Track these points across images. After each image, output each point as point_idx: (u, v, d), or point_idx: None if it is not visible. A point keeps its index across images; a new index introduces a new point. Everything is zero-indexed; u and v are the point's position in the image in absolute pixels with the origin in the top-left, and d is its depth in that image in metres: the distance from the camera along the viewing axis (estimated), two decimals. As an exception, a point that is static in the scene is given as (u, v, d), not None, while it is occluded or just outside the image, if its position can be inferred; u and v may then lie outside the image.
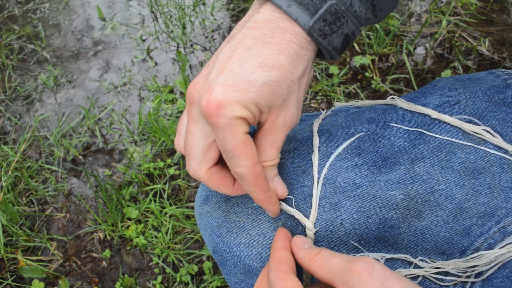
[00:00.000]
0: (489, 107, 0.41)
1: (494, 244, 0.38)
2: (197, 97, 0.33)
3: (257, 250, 0.42)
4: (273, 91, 0.33)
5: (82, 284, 1.03)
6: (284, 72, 0.33)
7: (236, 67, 0.32)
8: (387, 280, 0.29)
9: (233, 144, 0.33)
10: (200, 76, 0.35)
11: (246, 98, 0.32)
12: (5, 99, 1.44)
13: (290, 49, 0.33)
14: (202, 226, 0.46)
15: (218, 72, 0.32)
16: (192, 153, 0.35)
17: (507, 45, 1.40)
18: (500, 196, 0.39)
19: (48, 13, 1.76)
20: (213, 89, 0.32)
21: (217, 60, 0.33)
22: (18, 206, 1.16)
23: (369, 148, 0.41)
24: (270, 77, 0.32)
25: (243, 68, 0.32)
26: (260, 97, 0.32)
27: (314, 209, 0.40)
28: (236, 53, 0.33)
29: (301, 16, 0.33)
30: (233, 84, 0.32)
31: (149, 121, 1.28)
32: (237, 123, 0.32)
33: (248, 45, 0.33)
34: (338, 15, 0.34)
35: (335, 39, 0.35)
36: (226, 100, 0.31)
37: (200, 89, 0.33)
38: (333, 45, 0.35)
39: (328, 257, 0.33)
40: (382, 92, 1.32)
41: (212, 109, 0.31)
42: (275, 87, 0.33)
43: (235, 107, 0.32)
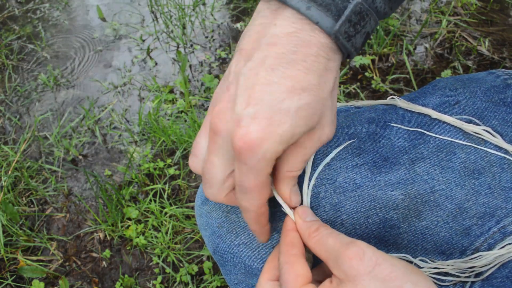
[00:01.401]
0: (489, 107, 0.41)
1: (494, 244, 0.38)
2: (225, 129, 0.31)
3: (258, 251, 0.42)
4: (308, 115, 0.30)
5: (82, 284, 1.03)
6: (316, 92, 0.30)
7: (264, 94, 0.29)
8: (378, 266, 0.29)
9: (252, 184, 0.31)
10: (223, 104, 0.31)
11: (281, 131, 0.29)
12: (5, 99, 1.44)
13: (317, 64, 0.30)
14: (202, 227, 0.46)
15: (245, 101, 0.30)
16: (211, 182, 0.34)
17: (507, 45, 1.40)
18: (500, 196, 0.39)
19: (48, 13, 1.76)
20: (246, 126, 0.29)
21: (239, 85, 0.30)
22: (18, 206, 1.16)
23: (369, 148, 0.41)
24: (302, 101, 0.30)
25: (272, 95, 0.29)
26: (296, 126, 0.30)
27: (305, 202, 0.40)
28: (261, 77, 0.30)
29: (322, 19, 0.30)
30: (266, 117, 0.29)
31: (149, 121, 1.28)
32: (266, 164, 0.30)
33: (271, 65, 0.30)
34: (363, 14, 0.31)
35: (358, 39, 0.32)
36: (262, 138, 0.29)
37: (227, 120, 0.31)
38: (355, 45, 0.32)
39: (325, 236, 0.33)
40: (382, 92, 1.32)
41: (246, 148, 0.29)
42: (309, 111, 0.30)
43: (270, 144, 0.29)
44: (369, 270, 0.29)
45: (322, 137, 0.33)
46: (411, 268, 0.30)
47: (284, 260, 0.34)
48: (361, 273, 0.29)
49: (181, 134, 1.23)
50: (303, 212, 0.37)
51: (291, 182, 0.36)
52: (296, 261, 0.33)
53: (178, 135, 1.22)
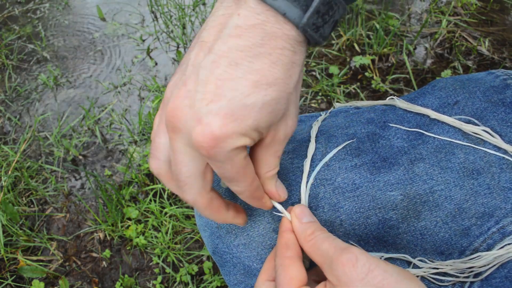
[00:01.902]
0: (488, 108, 0.41)
1: (493, 245, 0.38)
2: (183, 127, 0.29)
3: (257, 251, 0.42)
4: (273, 110, 0.29)
5: (82, 284, 1.04)
6: (281, 87, 0.29)
7: (227, 90, 0.28)
8: (371, 273, 0.29)
9: (233, 172, 0.30)
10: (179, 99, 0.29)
11: (245, 126, 0.28)
12: (5, 99, 1.44)
13: (284, 58, 0.29)
14: (202, 227, 0.47)
15: (207, 98, 0.28)
16: (189, 183, 0.32)
17: (507, 45, 1.40)
18: (499, 197, 0.39)
19: (48, 13, 1.76)
20: (207, 122, 0.28)
21: (198, 79, 0.28)
22: (18, 206, 1.16)
23: (368, 148, 0.41)
24: (268, 97, 0.28)
25: (236, 91, 0.28)
26: (260, 120, 0.29)
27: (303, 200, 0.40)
28: (223, 72, 0.28)
29: (290, 9, 0.28)
30: (230, 113, 0.27)
31: (149, 121, 1.28)
32: (237, 153, 0.29)
33: (235, 59, 0.28)
34: (331, 3, 0.29)
35: (326, 29, 0.31)
36: (224, 133, 0.28)
37: (186, 118, 0.29)
38: (323, 35, 0.31)
39: (320, 240, 0.33)
40: (382, 92, 1.32)
41: (209, 144, 0.28)
42: (274, 106, 0.29)
43: (234, 139, 0.28)
44: (362, 277, 0.29)
45: (287, 131, 0.32)
46: (404, 274, 0.30)
47: (279, 263, 0.34)
48: (354, 279, 0.29)
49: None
50: (300, 212, 0.36)
51: (274, 180, 0.36)
52: (290, 264, 0.33)
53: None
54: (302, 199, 0.40)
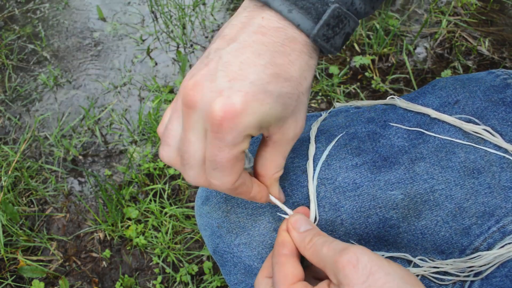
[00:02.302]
0: (488, 107, 0.41)
1: (494, 244, 0.38)
2: (201, 101, 0.29)
3: (258, 251, 0.42)
4: (285, 104, 0.31)
5: (82, 284, 1.03)
6: (295, 85, 0.31)
7: (250, 73, 0.29)
8: (372, 276, 0.28)
9: (224, 159, 0.30)
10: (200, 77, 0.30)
11: (263, 110, 0.29)
12: (5, 99, 1.44)
13: (300, 60, 0.32)
14: (202, 227, 0.47)
15: (229, 76, 0.29)
16: (191, 164, 0.32)
17: (507, 45, 1.40)
18: (499, 196, 0.39)
19: (48, 13, 1.76)
20: (229, 95, 0.28)
21: (221, 61, 0.30)
22: (18, 206, 1.16)
23: (369, 148, 0.41)
24: (284, 89, 0.30)
25: (258, 76, 0.29)
26: (275, 110, 0.30)
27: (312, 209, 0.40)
28: (246, 57, 0.30)
29: (303, 21, 0.31)
30: (251, 93, 0.29)
31: (149, 121, 1.28)
32: (243, 140, 0.30)
33: (258, 50, 0.30)
34: (341, 17, 0.32)
35: (337, 40, 0.34)
36: (245, 109, 0.28)
37: (205, 92, 0.29)
38: (335, 46, 0.34)
39: (319, 245, 0.33)
40: (382, 92, 1.32)
41: (226, 117, 0.28)
42: (287, 100, 0.31)
43: (250, 118, 0.29)
44: (363, 280, 0.28)
45: (296, 130, 0.33)
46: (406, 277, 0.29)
47: (275, 261, 0.34)
48: (355, 282, 0.28)
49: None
50: (296, 222, 0.36)
51: (277, 183, 0.37)
52: (286, 261, 0.34)
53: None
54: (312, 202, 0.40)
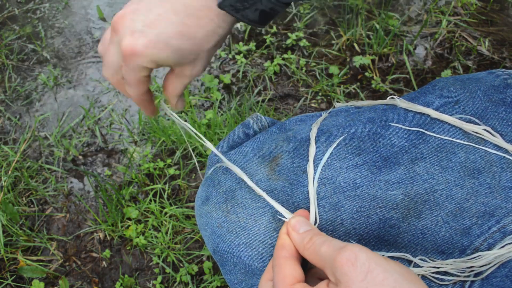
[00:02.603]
0: (489, 107, 0.41)
1: (494, 244, 0.38)
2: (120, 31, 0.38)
3: (258, 250, 0.42)
4: (183, 55, 0.39)
5: (82, 284, 1.03)
6: (197, 43, 0.39)
7: (161, 25, 0.37)
8: (371, 273, 0.29)
9: (132, 80, 0.40)
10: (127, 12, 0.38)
11: (158, 55, 0.38)
12: (5, 99, 1.44)
13: (208, 26, 0.39)
14: (202, 227, 0.47)
15: (145, 22, 0.37)
16: (108, 65, 0.42)
17: (507, 45, 1.40)
18: (500, 196, 0.39)
19: (48, 13, 1.76)
20: (136, 37, 0.37)
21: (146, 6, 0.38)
22: (18, 206, 1.16)
23: (369, 148, 0.41)
24: (183, 45, 0.38)
25: (166, 29, 0.37)
26: (170, 57, 0.38)
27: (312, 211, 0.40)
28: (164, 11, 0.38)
29: None
30: (153, 41, 0.37)
31: (149, 121, 1.28)
32: (141, 69, 0.39)
33: (176, 8, 0.38)
34: None
35: (250, 14, 0.39)
36: (142, 52, 0.37)
37: (124, 26, 0.38)
38: (248, 18, 0.40)
39: (318, 245, 0.33)
40: (382, 92, 1.32)
41: (128, 53, 0.37)
42: (185, 53, 0.39)
43: (146, 59, 0.37)
44: (362, 278, 0.29)
45: (192, 72, 0.42)
46: (405, 273, 0.29)
47: (274, 263, 0.35)
48: (354, 280, 0.29)
49: (181, 134, 1.23)
50: (296, 223, 0.36)
51: (176, 97, 0.46)
52: (285, 263, 0.34)
53: (178, 135, 1.22)
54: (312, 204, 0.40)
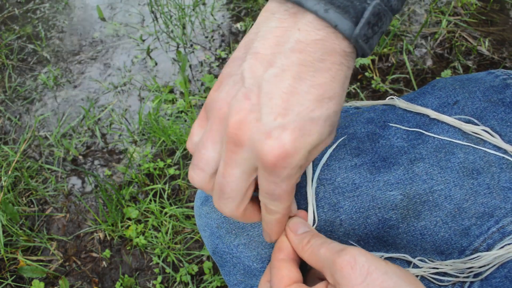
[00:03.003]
0: (488, 107, 0.41)
1: (493, 245, 0.38)
2: (249, 141, 0.29)
3: (257, 251, 0.42)
4: (332, 123, 0.30)
5: (82, 284, 1.04)
6: (339, 100, 0.30)
7: (294, 104, 0.28)
8: (370, 276, 0.29)
9: (283, 191, 0.31)
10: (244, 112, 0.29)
11: (312, 141, 0.29)
12: (5, 99, 1.44)
13: (341, 73, 0.30)
14: (202, 227, 0.47)
15: (274, 112, 0.28)
16: (232, 197, 0.32)
17: (507, 45, 1.40)
18: (499, 196, 0.39)
19: (48, 13, 1.76)
20: (277, 136, 0.28)
21: (261, 93, 0.28)
22: (18, 206, 1.16)
23: (368, 148, 0.41)
24: (329, 110, 0.29)
25: (303, 106, 0.28)
26: (323, 133, 0.30)
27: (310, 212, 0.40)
28: (288, 85, 0.28)
29: (341, 22, 0.28)
30: (299, 128, 0.28)
31: (149, 121, 1.28)
32: (297, 172, 0.30)
33: (299, 73, 0.28)
34: (380, 14, 0.30)
35: (375, 40, 0.31)
36: (296, 148, 0.28)
37: (252, 132, 0.29)
38: (372, 46, 0.31)
39: (317, 247, 0.33)
40: (382, 92, 1.32)
41: (278, 159, 0.28)
42: (333, 119, 0.30)
43: (302, 154, 0.29)
44: (361, 280, 0.29)
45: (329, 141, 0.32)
46: (404, 276, 0.29)
47: (272, 265, 0.35)
48: (353, 283, 0.29)
49: (181, 134, 1.23)
50: (294, 225, 0.36)
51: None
52: (281, 265, 0.34)
53: (178, 135, 1.22)
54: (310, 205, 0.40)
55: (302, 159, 0.29)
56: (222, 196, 0.32)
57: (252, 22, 1.58)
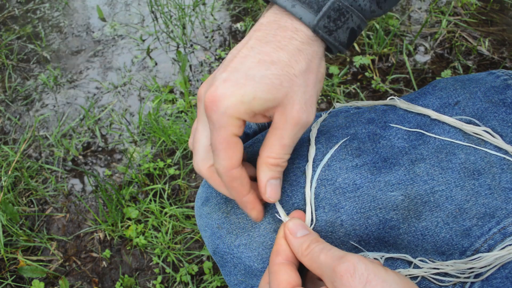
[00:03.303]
0: (489, 108, 0.41)
1: (494, 245, 0.38)
2: (203, 93, 0.36)
3: (258, 251, 0.42)
4: (272, 84, 0.33)
5: (82, 284, 1.03)
6: (283, 66, 0.34)
7: (238, 64, 0.34)
8: (369, 283, 0.29)
9: (217, 141, 0.34)
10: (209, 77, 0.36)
11: (243, 92, 0.33)
12: (5, 99, 1.44)
13: (290, 45, 0.34)
14: (202, 228, 0.46)
15: (222, 70, 0.34)
16: (196, 149, 0.37)
17: (507, 45, 1.40)
18: (500, 197, 0.39)
19: (48, 13, 1.76)
20: (215, 85, 0.33)
21: (224, 60, 0.35)
22: (18, 206, 1.16)
23: (369, 149, 0.41)
24: (268, 71, 0.33)
25: (243, 65, 0.34)
26: (258, 90, 0.33)
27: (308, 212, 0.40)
28: (240, 53, 0.34)
29: (305, 14, 0.34)
30: (233, 79, 0.33)
31: (149, 121, 1.28)
32: (229, 122, 0.33)
33: (251, 45, 0.35)
34: (342, 10, 0.34)
35: (341, 34, 0.35)
36: (224, 94, 0.33)
37: (206, 86, 0.36)
38: (339, 40, 0.36)
39: (317, 252, 0.33)
40: (382, 92, 1.32)
41: (210, 102, 0.33)
42: (274, 80, 0.33)
43: (232, 101, 0.33)
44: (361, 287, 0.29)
45: (294, 115, 0.34)
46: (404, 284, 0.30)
47: (270, 270, 0.35)
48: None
49: (181, 134, 1.23)
50: (293, 226, 0.36)
51: (270, 172, 0.36)
52: (279, 270, 0.34)
53: (178, 135, 1.22)
54: (308, 205, 0.40)
55: (233, 106, 0.33)
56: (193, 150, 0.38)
57: (252, 22, 1.58)
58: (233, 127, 0.34)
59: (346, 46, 0.37)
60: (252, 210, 0.38)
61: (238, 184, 0.36)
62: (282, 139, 0.35)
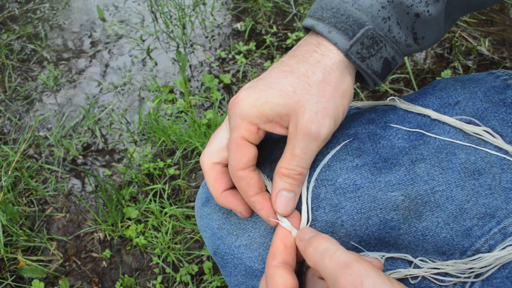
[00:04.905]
0: (489, 108, 0.41)
1: (495, 245, 0.38)
2: None
3: (258, 252, 0.42)
4: (285, 90, 0.35)
5: (82, 284, 1.03)
6: (300, 76, 0.36)
7: (265, 74, 0.38)
8: None
9: (229, 141, 0.37)
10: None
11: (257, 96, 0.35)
12: (5, 99, 1.44)
13: (310, 58, 0.37)
14: (203, 228, 0.46)
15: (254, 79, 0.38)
16: (210, 142, 0.40)
17: (507, 45, 1.40)
18: (500, 197, 0.39)
19: (48, 13, 1.76)
20: (240, 90, 0.37)
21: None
22: (18, 206, 1.16)
23: (369, 149, 0.41)
24: (285, 79, 0.36)
25: (268, 75, 0.37)
26: (270, 94, 0.35)
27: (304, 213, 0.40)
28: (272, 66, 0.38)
29: (340, 40, 0.36)
30: (254, 86, 0.36)
31: (149, 121, 1.28)
32: (241, 125, 0.36)
33: (282, 59, 0.38)
34: (376, 39, 0.36)
35: (374, 63, 0.37)
36: (242, 97, 0.36)
37: None
38: (372, 68, 0.37)
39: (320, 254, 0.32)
40: (382, 92, 1.32)
41: (230, 104, 0.37)
42: (287, 87, 0.35)
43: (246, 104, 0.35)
44: None
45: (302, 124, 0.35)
46: None
47: (266, 273, 0.35)
48: None
49: (181, 134, 1.23)
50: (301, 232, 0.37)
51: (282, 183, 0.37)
52: (276, 273, 0.34)
53: (178, 135, 1.22)
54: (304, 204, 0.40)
55: (246, 108, 0.35)
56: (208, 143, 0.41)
57: (252, 22, 1.58)
58: (244, 130, 0.36)
59: (380, 76, 0.38)
60: (261, 210, 0.38)
61: (245, 185, 0.37)
62: (293, 149, 0.36)
